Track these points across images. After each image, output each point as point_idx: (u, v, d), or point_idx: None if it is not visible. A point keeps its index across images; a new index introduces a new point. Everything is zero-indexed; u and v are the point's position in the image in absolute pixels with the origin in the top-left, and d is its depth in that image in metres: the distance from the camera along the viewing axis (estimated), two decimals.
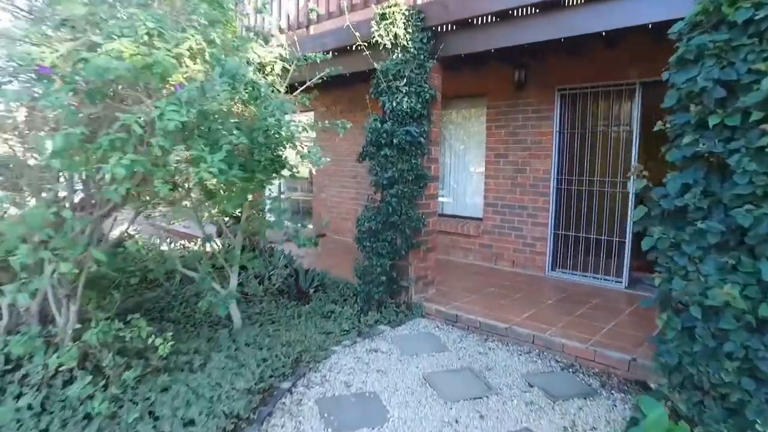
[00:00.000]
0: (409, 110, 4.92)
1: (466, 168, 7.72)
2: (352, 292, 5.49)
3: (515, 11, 4.57)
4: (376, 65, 5.10)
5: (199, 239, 4.86)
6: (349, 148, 8.70)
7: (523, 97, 6.67)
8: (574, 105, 6.30)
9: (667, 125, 3.18)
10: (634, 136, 5.84)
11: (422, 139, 4.98)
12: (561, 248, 6.52)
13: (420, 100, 4.98)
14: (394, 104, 4.95)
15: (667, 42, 3.33)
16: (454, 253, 7.60)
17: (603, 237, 6.14)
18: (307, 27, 6.57)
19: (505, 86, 6.81)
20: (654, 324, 4.81)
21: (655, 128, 3.24)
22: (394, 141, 4.90)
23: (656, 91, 6.41)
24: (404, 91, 4.93)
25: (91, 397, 3.11)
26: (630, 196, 5.88)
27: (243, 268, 5.88)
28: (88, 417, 3.03)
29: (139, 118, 2.59)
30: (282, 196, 11.47)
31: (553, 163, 6.44)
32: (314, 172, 10.08)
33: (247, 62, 3.78)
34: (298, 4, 6.77)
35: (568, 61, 6.16)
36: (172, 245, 6.17)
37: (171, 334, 3.57)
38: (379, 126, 4.99)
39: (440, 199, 7.99)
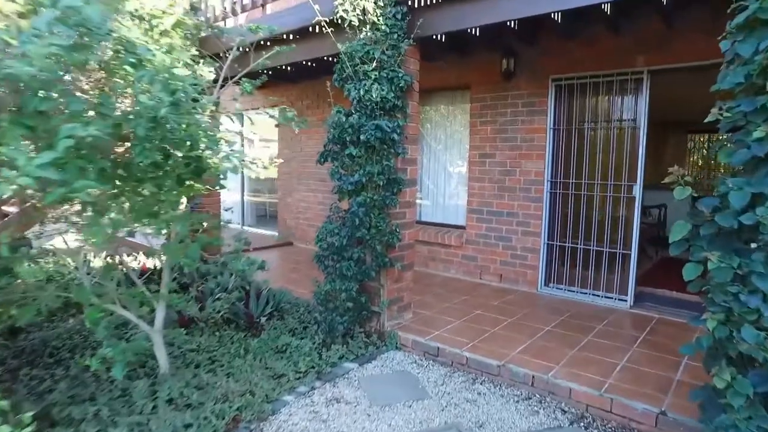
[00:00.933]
0: (379, 100, 4.03)
1: (447, 170, 6.87)
2: (314, 319, 4.57)
3: None
4: (340, 46, 4.20)
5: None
6: (316, 148, 7.74)
7: (512, 88, 5.84)
8: (570, 97, 5.49)
9: (725, 114, 2.37)
10: (640, 133, 5.06)
11: (396, 136, 4.09)
12: (555, 261, 5.71)
13: (393, 88, 4.10)
14: (362, 93, 4.06)
15: (680, 23, 2.51)
16: (433, 265, 6.74)
17: (604, 248, 5.35)
18: (263, 5, 5.63)
19: (491, 77, 5.97)
20: (676, 359, 4.12)
21: (709, 118, 2.43)
22: (362, 138, 4.00)
23: (667, 80, 5.64)
24: (374, 77, 4.04)
25: None
26: (636, 201, 5.10)
27: (183, 288, 4.93)
28: None
29: None
30: (247, 198, 10.49)
31: (547, 163, 5.63)
32: (276, 173, 9.13)
33: (131, 16, 2.76)
34: None
35: (565, 46, 5.35)
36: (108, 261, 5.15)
37: (36, 408, 2.60)
38: (344, 120, 4.09)
39: (419, 202, 7.13)
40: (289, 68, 6.66)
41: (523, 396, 3.62)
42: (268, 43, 5.26)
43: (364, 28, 4.15)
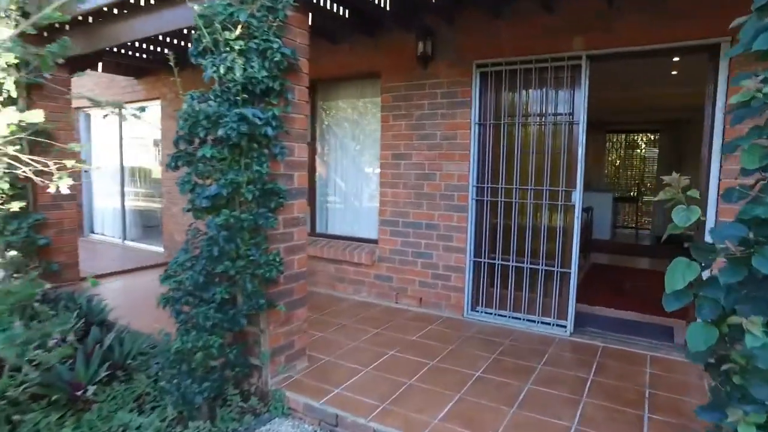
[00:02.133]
0: (246, 81, 2.89)
1: (357, 174, 5.81)
2: (161, 389, 3.32)
3: None
4: (195, 7, 3.00)
5: None
6: None
7: (430, 76, 4.87)
8: (498, 87, 4.60)
9: (759, 93, 1.48)
10: (579, 129, 4.25)
11: (270, 130, 2.95)
12: (484, 281, 4.81)
13: (267, 64, 2.96)
14: (222, 71, 2.89)
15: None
16: (342, 287, 5.66)
17: (539, 266, 4.51)
18: None
19: (405, 62, 4.98)
20: (637, 411, 3.05)
21: (736, 98, 1.56)
22: (220, 132, 2.83)
23: (609, 67, 4.92)
24: (238, 49, 2.88)
25: None
26: (576, 210, 4.28)
27: None
28: None
29: None
30: (131, 205, 8.87)
31: (472, 166, 4.71)
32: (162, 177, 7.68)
33: None
34: None
35: (490, 26, 4.45)
36: None
37: None
38: (196, 108, 2.90)
39: (330, 209, 6.02)
40: (166, 50, 5.37)
41: None
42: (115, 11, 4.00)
43: None
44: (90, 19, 4.41)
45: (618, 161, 12.80)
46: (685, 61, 5.86)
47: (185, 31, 4.65)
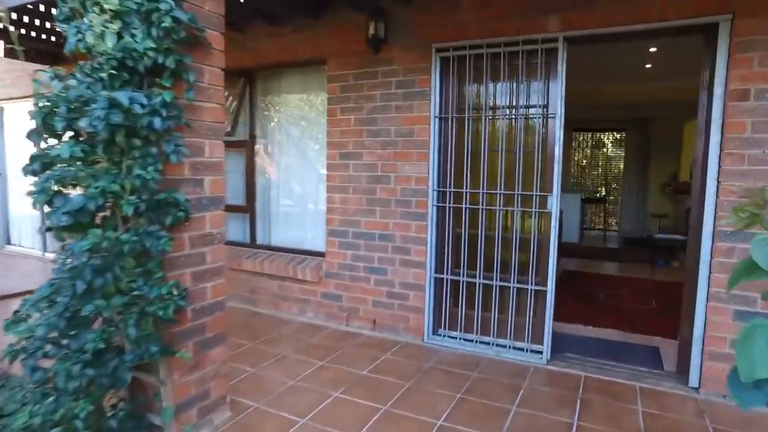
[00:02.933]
0: (123, 54, 2.12)
1: (300, 176, 5.08)
2: None
3: None
4: None
5: None
6: None
7: (383, 62, 4.18)
8: (462, 74, 3.95)
9: None
10: (555, 124, 3.64)
11: (159, 121, 2.19)
12: (447, 300, 4.15)
13: (156, 33, 2.21)
14: (91, 40, 2.12)
15: None
16: (286, 306, 4.91)
17: (511, 283, 3.88)
18: None
19: (354, 46, 4.28)
20: None
21: None
22: (82, 124, 2.06)
23: (590, 50, 4.33)
24: (111, 10, 2.12)
25: None
26: (552, 218, 3.67)
27: None
28: None
29: None
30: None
31: (432, 166, 4.05)
32: None
33: None
34: None
35: (452, 3, 3.79)
36: None
37: None
38: (56, 91, 2.11)
39: (278, 213, 5.27)
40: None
41: None
42: None
43: None
44: None
45: (585, 161, 12.43)
46: (663, 51, 5.37)
47: None
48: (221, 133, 2.77)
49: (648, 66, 6.16)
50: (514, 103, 3.79)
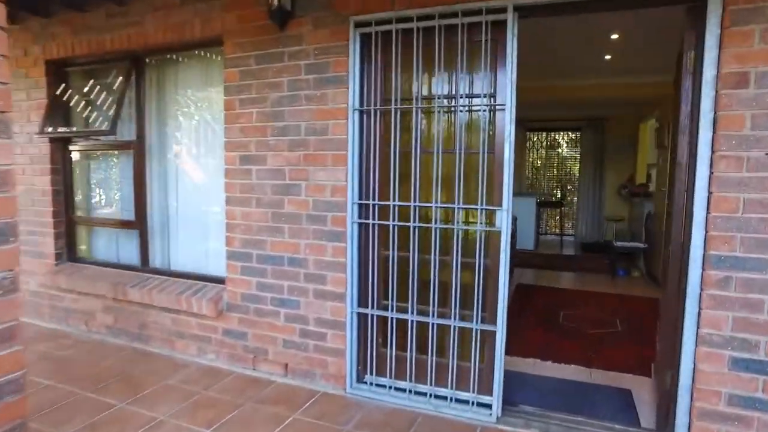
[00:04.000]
0: None
1: (198, 185, 4.13)
2: None
3: None
4: None
5: None
6: None
7: (291, 41, 3.31)
8: (387, 55, 3.11)
9: None
10: (506, 118, 2.85)
11: None
12: (373, 340, 3.31)
13: None
14: None
15: None
16: (182, 346, 3.95)
17: (451, 320, 3.06)
18: None
19: (255, 21, 3.39)
20: None
21: None
22: None
23: (547, 31, 3.55)
24: None
25: None
26: (502, 238, 2.87)
27: None
28: None
29: None
30: None
31: (351, 173, 3.19)
32: None
33: None
34: None
35: None
36: None
37: None
38: None
39: (170, 232, 4.31)
40: None
41: None
42: None
43: None
44: None
45: (539, 162, 11.89)
46: (626, 39, 4.71)
47: None
48: (7, 129, 1.82)
49: (607, 57, 5.52)
50: (454, 92, 2.98)
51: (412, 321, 3.13)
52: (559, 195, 11.22)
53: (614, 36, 4.71)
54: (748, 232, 2.40)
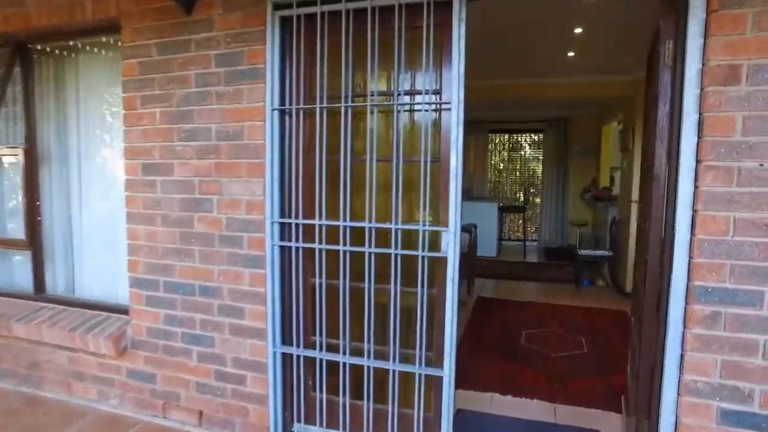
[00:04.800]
0: None
1: (100, 198, 3.51)
2: None
3: None
4: None
5: None
6: None
7: (199, 27, 2.75)
8: (311, 44, 2.58)
9: None
10: (452, 119, 2.36)
11: None
12: (302, 383, 2.77)
13: None
14: None
15: None
16: (81, 389, 3.33)
17: (390, 363, 2.55)
18: None
19: (156, 3, 2.82)
20: None
21: None
22: None
23: (507, 17, 3.04)
24: None
25: None
26: (450, 265, 2.38)
27: None
28: None
29: None
30: None
31: (270, 186, 2.65)
32: None
33: None
34: None
35: None
36: None
37: None
38: None
39: (73, 252, 3.67)
40: None
41: None
42: None
43: None
44: None
45: (502, 164, 11.56)
46: (591, 33, 4.32)
47: None
48: None
49: (571, 54, 5.13)
50: (391, 89, 2.48)
51: (344, 363, 2.61)
52: (522, 198, 10.90)
53: (578, 30, 4.31)
54: (740, 259, 1.97)
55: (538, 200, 10.60)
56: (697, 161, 2.02)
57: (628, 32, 4.22)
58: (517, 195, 11.22)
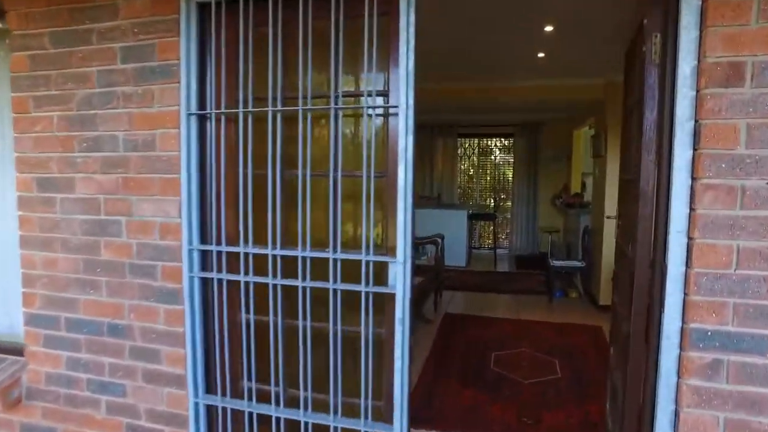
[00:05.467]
0: None
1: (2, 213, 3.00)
2: None
3: None
4: None
5: None
6: None
7: (102, 14, 2.28)
8: (234, 34, 2.14)
9: None
10: (400, 126, 1.96)
11: None
12: None
13: None
14: None
15: None
16: None
17: (330, 418, 2.13)
18: None
19: None
20: None
21: None
22: None
23: (474, 14, 2.58)
24: None
25: None
26: (399, 303, 1.97)
27: None
28: None
29: None
30: None
31: (187, 206, 2.21)
32: None
33: None
34: None
35: None
36: None
37: None
38: None
39: None
40: None
41: None
42: None
43: None
44: None
45: (472, 170, 11.25)
46: (561, 32, 4.00)
47: None
48: None
49: (541, 55, 4.81)
50: (328, 90, 2.06)
51: (277, 419, 2.18)
52: (492, 204, 10.60)
53: (548, 28, 3.98)
54: (745, 297, 1.63)
55: (509, 205, 10.33)
56: (693, 178, 1.67)
57: (601, 30, 3.91)
58: (488, 201, 10.93)
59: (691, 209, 1.67)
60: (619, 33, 3.71)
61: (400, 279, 1.93)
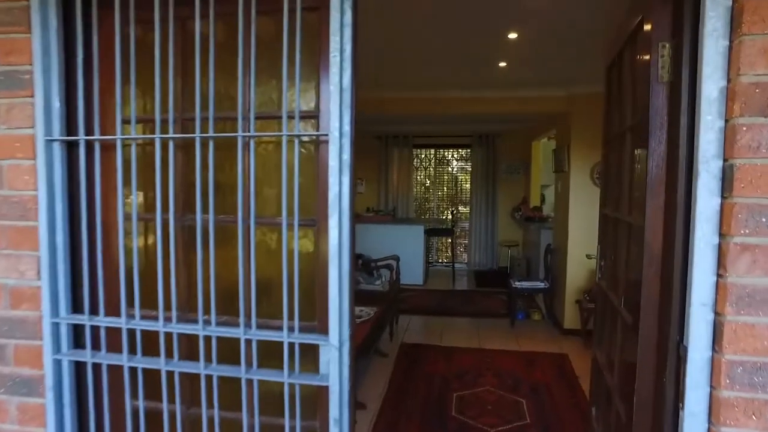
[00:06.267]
0: None
1: None
2: None
3: None
4: None
5: None
6: None
7: None
8: (111, 32, 1.59)
9: None
10: (333, 154, 1.45)
11: None
12: None
13: None
14: None
15: None
16: None
17: None
18: None
19: None
20: None
21: None
22: None
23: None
24: None
25: None
26: (332, 394, 1.46)
27: None
28: None
29: None
30: None
31: (51, 263, 1.64)
32: None
33: None
34: None
35: None
36: None
37: None
38: None
39: None
40: None
41: None
42: None
43: None
44: None
45: (428, 181, 10.89)
46: (526, 39, 3.62)
47: None
48: None
49: (502, 64, 4.43)
50: (243, 109, 1.54)
51: None
52: (450, 218, 10.25)
53: (512, 35, 3.59)
54: None
55: (467, 217, 10.00)
56: (722, 235, 1.24)
57: (569, 37, 3.55)
58: (445, 213, 10.57)
59: (719, 276, 1.25)
60: (591, 40, 3.35)
61: (335, 367, 1.42)
